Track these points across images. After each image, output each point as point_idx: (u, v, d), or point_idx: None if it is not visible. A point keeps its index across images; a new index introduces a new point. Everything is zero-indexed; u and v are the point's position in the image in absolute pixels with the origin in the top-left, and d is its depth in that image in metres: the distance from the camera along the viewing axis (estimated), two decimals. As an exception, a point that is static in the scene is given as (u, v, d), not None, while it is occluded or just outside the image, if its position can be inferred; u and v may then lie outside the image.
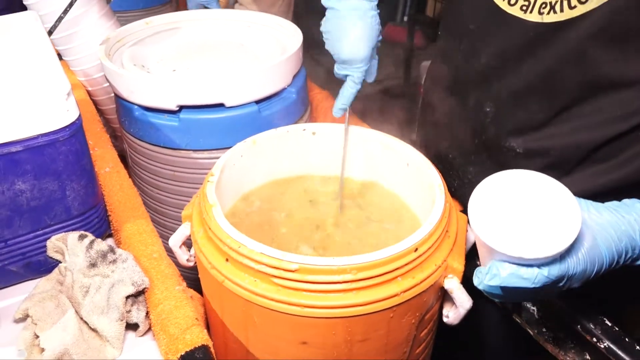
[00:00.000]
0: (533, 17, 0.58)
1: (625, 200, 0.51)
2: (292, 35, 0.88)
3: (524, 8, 0.59)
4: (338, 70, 0.67)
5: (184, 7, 1.26)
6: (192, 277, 0.72)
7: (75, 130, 0.62)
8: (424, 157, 0.68)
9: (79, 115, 0.63)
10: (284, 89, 0.82)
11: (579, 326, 0.61)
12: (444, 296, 0.63)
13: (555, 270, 0.47)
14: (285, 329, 0.56)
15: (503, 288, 0.48)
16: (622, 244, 0.48)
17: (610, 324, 0.59)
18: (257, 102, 0.79)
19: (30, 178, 0.61)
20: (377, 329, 0.57)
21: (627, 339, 0.58)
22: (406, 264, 0.55)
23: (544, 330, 0.66)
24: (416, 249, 0.56)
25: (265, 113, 0.80)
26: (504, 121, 0.64)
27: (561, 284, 0.48)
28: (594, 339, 0.59)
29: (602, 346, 0.58)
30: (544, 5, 0.57)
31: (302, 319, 0.54)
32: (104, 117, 1.06)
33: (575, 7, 0.55)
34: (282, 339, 0.58)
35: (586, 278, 0.49)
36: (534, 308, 0.69)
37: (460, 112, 0.61)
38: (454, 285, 0.59)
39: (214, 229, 0.58)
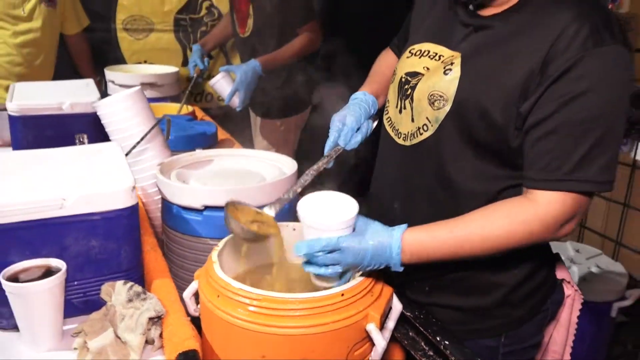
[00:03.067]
0: (407, 142, 0.97)
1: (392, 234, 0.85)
2: (290, 167, 1.25)
3: (404, 138, 0.96)
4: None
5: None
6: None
7: (133, 211, 0.96)
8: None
9: (137, 202, 0.97)
10: (279, 201, 1.15)
11: (442, 346, 0.84)
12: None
13: (326, 241, 0.82)
14: (251, 344, 0.82)
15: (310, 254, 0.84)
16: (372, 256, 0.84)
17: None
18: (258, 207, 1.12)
19: (100, 239, 0.93)
20: (313, 350, 0.82)
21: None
22: (334, 303, 0.82)
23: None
24: (342, 294, 0.83)
25: (264, 216, 1.12)
26: (407, 215, 0.95)
27: (337, 255, 0.82)
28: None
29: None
30: (411, 135, 0.94)
31: (262, 335, 0.81)
32: (151, 222, 1.40)
33: (422, 134, 0.92)
34: (249, 354, 0.83)
35: (355, 261, 0.83)
36: (426, 348, 0.92)
37: (378, 209, 0.92)
38: (371, 328, 0.85)
39: (212, 275, 0.88)
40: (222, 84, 2.08)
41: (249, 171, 1.27)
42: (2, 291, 0.85)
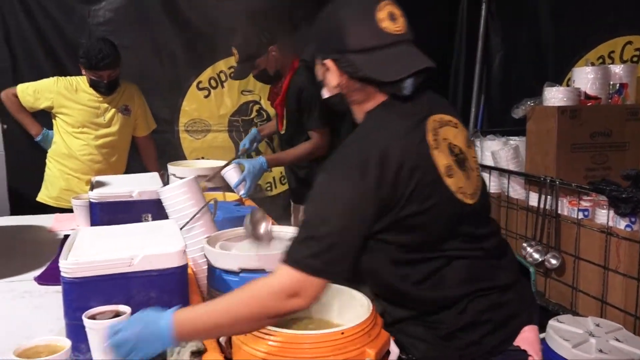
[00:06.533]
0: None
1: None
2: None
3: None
4: None
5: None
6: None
7: (184, 269, 1.22)
8: (367, 298, 1.19)
9: (186, 263, 1.23)
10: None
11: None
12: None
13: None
14: (269, 373, 1.03)
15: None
16: None
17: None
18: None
19: (157, 291, 1.19)
20: (319, 378, 1.01)
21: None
22: (336, 339, 1.03)
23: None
24: (342, 333, 1.04)
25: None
26: None
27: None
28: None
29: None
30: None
31: (278, 365, 1.02)
32: (199, 287, 1.65)
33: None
34: (268, 382, 1.04)
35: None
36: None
37: None
38: (368, 362, 1.04)
39: (242, 318, 1.11)
40: (231, 174, 2.43)
41: (278, 241, 1.53)
42: (83, 330, 1.11)
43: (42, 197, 2.87)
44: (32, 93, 2.76)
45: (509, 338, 1.16)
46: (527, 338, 1.17)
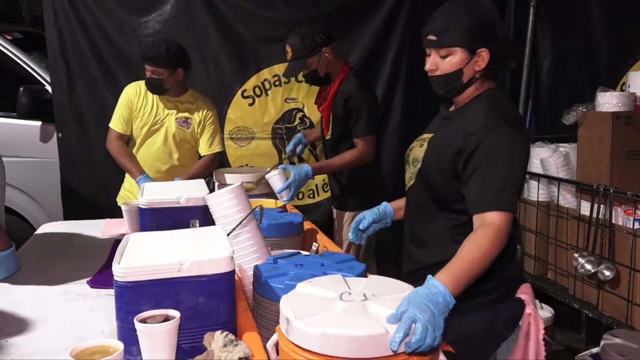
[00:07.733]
0: (407, 189, 1.65)
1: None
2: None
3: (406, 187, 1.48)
4: None
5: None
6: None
7: (231, 274, 1.23)
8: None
9: (234, 269, 1.24)
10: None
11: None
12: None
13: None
14: (316, 380, 1.03)
15: None
16: None
17: None
18: (330, 279, 1.35)
19: (205, 296, 1.20)
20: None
21: None
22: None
23: None
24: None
25: (334, 286, 1.35)
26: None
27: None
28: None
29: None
30: (409, 182, 1.64)
31: (324, 373, 1.01)
32: (245, 293, 1.67)
33: (410, 182, 1.65)
34: (314, 389, 1.03)
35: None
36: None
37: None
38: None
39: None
40: (276, 179, 2.40)
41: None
42: (134, 333, 1.14)
43: (119, 200, 2.90)
44: (121, 116, 2.78)
45: (515, 290, 1.53)
46: (527, 292, 1.53)
